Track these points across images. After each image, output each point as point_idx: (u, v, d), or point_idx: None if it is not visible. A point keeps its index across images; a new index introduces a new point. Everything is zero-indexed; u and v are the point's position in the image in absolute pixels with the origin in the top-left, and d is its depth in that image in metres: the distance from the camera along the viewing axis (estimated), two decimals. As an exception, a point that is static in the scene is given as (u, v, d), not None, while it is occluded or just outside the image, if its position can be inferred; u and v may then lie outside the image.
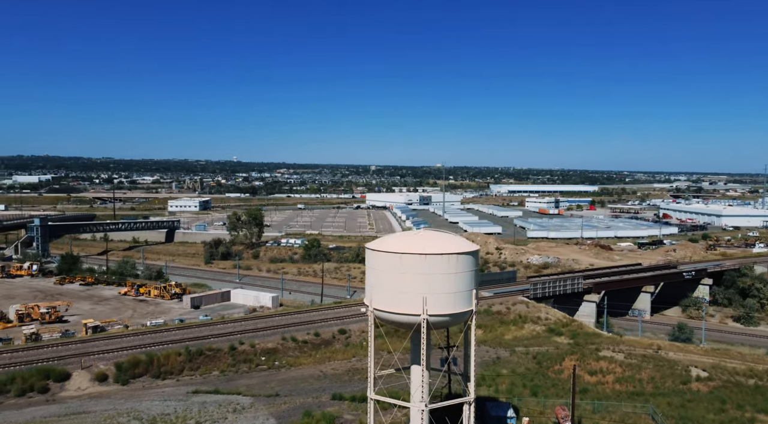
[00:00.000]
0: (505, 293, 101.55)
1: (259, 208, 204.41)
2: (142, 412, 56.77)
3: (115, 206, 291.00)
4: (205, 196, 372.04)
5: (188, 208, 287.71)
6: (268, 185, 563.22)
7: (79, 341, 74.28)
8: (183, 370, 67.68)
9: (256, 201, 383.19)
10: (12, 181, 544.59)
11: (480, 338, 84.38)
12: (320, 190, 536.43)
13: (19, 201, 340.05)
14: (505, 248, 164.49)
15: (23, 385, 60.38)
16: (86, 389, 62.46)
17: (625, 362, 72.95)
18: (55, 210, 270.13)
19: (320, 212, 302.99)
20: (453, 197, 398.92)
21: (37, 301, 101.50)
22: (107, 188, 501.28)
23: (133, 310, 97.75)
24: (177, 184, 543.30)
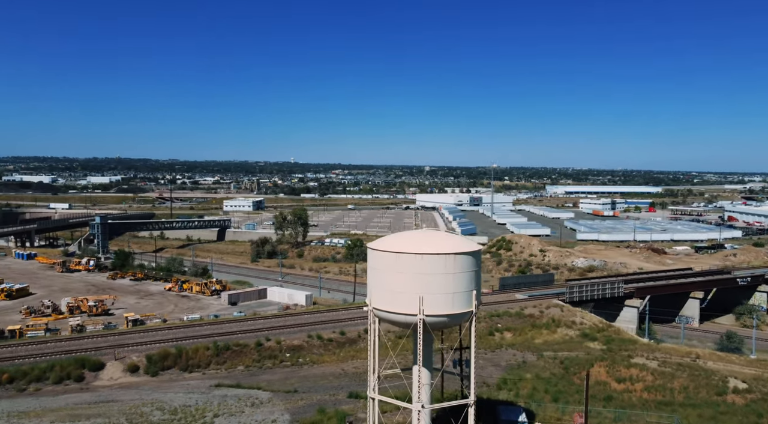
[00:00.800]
0: (539, 296, 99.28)
1: (304, 209, 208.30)
2: (165, 403, 59.30)
3: (176, 206, 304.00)
4: (259, 196, 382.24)
5: (242, 208, 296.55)
6: (322, 186, 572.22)
7: (117, 333, 78.31)
8: (210, 364, 70.02)
9: (308, 201, 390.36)
10: (86, 181, 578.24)
11: (509, 342, 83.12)
12: (373, 190, 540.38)
13: (89, 200, 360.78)
14: (550, 250, 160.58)
15: (61, 373, 64.13)
16: (118, 379, 65.72)
17: (658, 370, 69.88)
18: (120, 209, 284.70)
19: (368, 212, 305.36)
20: (505, 198, 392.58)
21: (90, 294, 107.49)
22: (171, 188, 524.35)
23: (175, 305, 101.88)
24: (235, 184, 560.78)
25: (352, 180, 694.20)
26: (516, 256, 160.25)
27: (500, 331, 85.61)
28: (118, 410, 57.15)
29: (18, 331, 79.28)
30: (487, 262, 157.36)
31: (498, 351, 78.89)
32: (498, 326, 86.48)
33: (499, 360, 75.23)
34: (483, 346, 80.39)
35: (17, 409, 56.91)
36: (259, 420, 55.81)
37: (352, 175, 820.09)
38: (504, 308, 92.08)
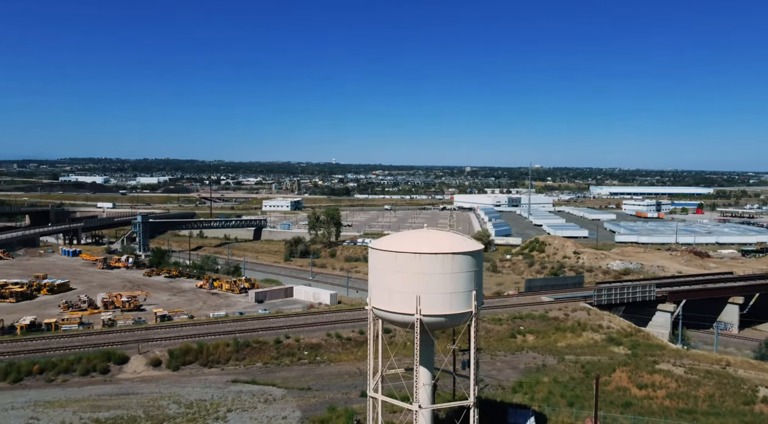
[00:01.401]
0: (566, 299, 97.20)
1: (336, 209, 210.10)
2: (182, 397, 61.05)
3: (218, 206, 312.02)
4: (298, 196, 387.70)
5: (280, 208, 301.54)
6: (362, 186, 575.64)
7: (144, 328, 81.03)
8: (229, 360, 71.60)
9: (346, 201, 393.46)
10: (136, 182, 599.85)
11: (530, 344, 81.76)
12: (412, 191, 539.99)
13: (136, 200, 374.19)
14: (584, 252, 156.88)
15: (87, 365, 66.87)
16: (141, 372, 68.00)
17: (683, 377, 67.38)
18: (163, 209, 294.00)
19: (404, 212, 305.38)
20: (545, 199, 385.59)
21: (126, 290, 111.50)
22: (215, 189, 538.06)
23: (204, 302, 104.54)
24: (277, 185, 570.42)
25: (391, 181, 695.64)
26: (549, 258, 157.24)
27: (522, 333, 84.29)
28: (137, 403, 59.19)
29: (54, 324, 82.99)
30: (519, 264, 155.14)
31: (518, 354, 77.69)
32: (520, 329, 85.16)
33: (518, 363, 74.10)
34: (503, 348, 79.50)
35: (44, 399, 59.68)
36: (270, 416, 56.78)
37: (392, 176, 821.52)
38: (528, 311, 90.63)
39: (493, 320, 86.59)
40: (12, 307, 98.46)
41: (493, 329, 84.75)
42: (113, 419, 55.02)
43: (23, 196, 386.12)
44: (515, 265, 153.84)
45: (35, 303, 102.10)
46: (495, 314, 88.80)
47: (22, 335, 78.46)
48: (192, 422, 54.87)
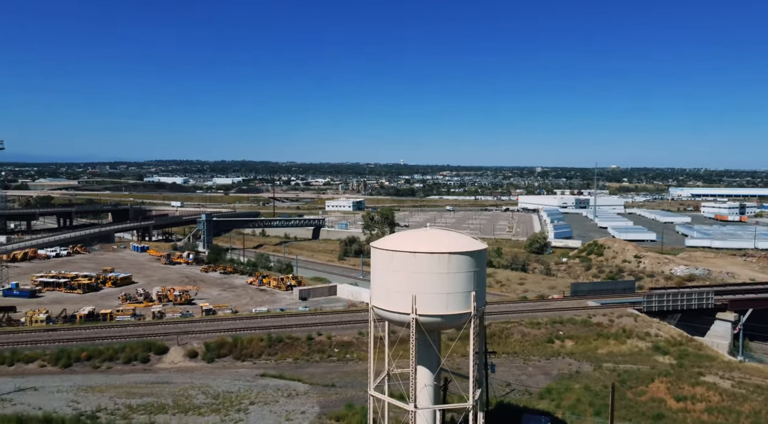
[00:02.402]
0: (613, 304, 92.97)
1: (391, 209, 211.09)
2: (211, 388, 63.68)
3: (284, 205, 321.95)
4: (360, 197, 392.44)
5: (342, 208, 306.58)
6: (427, 187, 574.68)
7: (188, 321, 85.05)
8: (261, 354, 73.82)
9: (410, 202, 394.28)
10: (212, 182, 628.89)
11: (568, 350, 78.98)
12: (478, 192, 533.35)
13: (209, 200, 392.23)
14: (646, 256, 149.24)
15: (130, 354, 71.04)
16: (178, 363, 71.46)
17: (729, 391, 62.83)
18: (230, 208, 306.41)
19: (464, 213, 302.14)
20: (616, 201, 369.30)
21: (183, 285, 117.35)
22: (284, 189, 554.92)
23: (251, 297, 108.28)
24: (344, 185, 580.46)
25: (458, 182, 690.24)
26: (607, 261, 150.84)
27: (561, 338, 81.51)
28: (168, 392, 62.33)
29: (109, 314, 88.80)
30: (575, 267, 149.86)
31: (553, 359, 75.22)
32: (559, 334, 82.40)
33: (551, 369, 71.77)
34: (538, 353, 77.28)
35: (86, 384, 64.05)
36: (290, 410, 58.16)
37: (459, 176, 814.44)
38: (569, 315, 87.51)
39: (531, 324, 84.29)
40: (79, 297, 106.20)
41: (529, 332, 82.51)
42: (144, 405, 58.24)
43: (110, 195, 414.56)
44: (571, 268, 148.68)
45: (99, 295, 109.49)
46: (533, 318, 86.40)
47: (79, 324, 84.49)
48: (215, 413, 57.14)
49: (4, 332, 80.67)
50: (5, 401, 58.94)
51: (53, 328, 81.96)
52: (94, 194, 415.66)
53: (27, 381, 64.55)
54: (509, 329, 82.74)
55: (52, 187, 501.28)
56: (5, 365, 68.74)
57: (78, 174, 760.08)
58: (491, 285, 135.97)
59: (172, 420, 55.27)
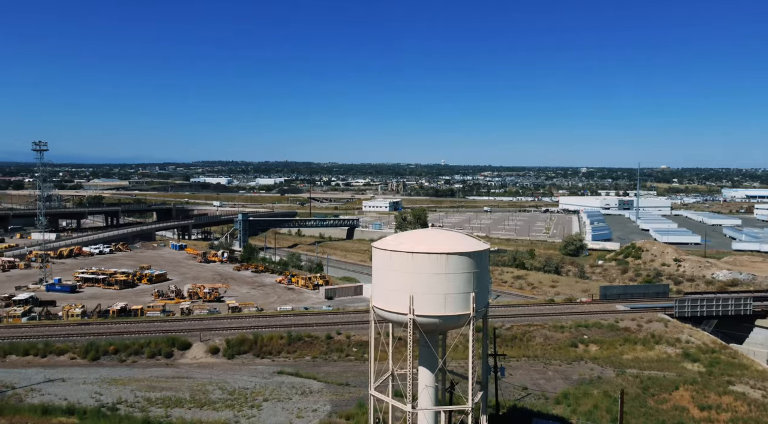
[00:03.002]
0: (642, 309, 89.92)
1: (424, 210, 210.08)
2: (228, 383, 64.99)
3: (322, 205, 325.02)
4: (397, 197, 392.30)
5: (378, 209, 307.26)
6: (467, 188, 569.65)
7: (212, 318, 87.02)
8: (281, 352, 74.87)
9: (447, 203, 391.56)
10: (255, 183, 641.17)
11: (592, 355, 76.94)
12: (519, 193, 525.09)
13: (251, 200, 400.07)
14: (687, 259, 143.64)
15: (154, 349, 73.30)
16: (200, 358, 73.25)
17: (759, 402, 59.93)
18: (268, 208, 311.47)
19: (501, 214, 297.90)
20: (662, 202, 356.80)
21: (215, 282, 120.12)
22: (324, 190, 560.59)
23: (278, 296, 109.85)
24: (383, 186, 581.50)
25: (499, 182, 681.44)
26: (645, 265, 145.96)
27: (585, 343, 79.42)
28: (187, 386, 63.98)
29: (140, 310, 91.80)
30: (611, 270, 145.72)
31: (575, 364, 73.41)
32: (584, 338, 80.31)
33: (572, 373, 70.07)
34: (560, 357, 75.59)
35: (111, 376, 66.43)
36: (301, 408, 58.83)
37: (501, 177, 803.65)
38: (596, 319, 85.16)
39: (555, 328, 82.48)
40: (115, 293, 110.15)
41: (552, 336, 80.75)
42: (162, 399, 59.98)
43: (156, 195, 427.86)
44: (606, 271, 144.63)
45: (135, 291, 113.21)
46: (558, 321, 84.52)
47: (111, 319, 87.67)
48: (229, 408, 58.32)
49: (42, 325, 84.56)
50: (34, 391, 61.74)
51: (86, 322, 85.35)
52: (142, 194, 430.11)
53: (57, 372, 67.43)
54: (531, 332, 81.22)
55: (104, 188, 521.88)
56: (38, 357, 72.05)
57: (129, 175, 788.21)
58: (522, 287, 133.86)
59: (187, 414, 56.67)
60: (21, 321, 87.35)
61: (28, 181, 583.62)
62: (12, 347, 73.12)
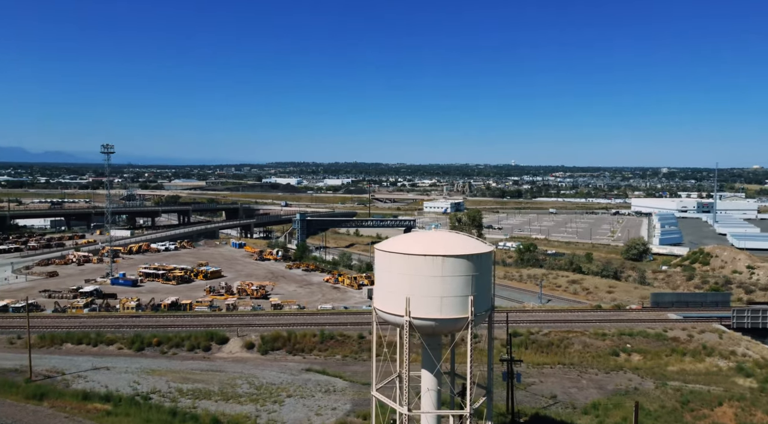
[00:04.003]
0: (696, 318, 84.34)
1: (478, 211, 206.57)
2: (256, 379, 66.91)
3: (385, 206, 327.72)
4: (459, 198, 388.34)
5: (439, 210, 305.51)
6: (535, 189, 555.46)
7: (252, 314, 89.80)
8: (313, 350, 76.18)
9: (513, 204, 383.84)
10: (323, 183, 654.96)
11: (633, 365, 73.21)
12: (590, 194, 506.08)
13: (315, 200, 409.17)
14: (762, 267, 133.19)
15: (194, 342, 76.57)
16: (235, 353, 75.82)
17: (812, 424, 54.73)
18: (330, 208, 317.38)
19: (566, 216, 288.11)
20: (749, 205, 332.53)
21: (266, 280, 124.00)
22: (390, 190, 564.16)
23: (323, 294, 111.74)
24: (448, 187, 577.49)
25: (570, 183, 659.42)
26: (713, 271, 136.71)
27: (627, 352, 75.52)
28: (218, 379, 66.43)
29: (188, 305, 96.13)
30: (675, 276, 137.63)
31: (613, 373, 70.01)
32: (626, 346, 76.40)
33: (607, 383, 66.91)
34: (598, 366, 72.37)
35: (150, 367, 70.07)
36: (322, 406, 59.65)
37: (573, 178, 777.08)
38: (642, 327, 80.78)
39: (596, 335, 78.99)
40: (172, 288, 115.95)
41: (592, 343, 77.38)
42: (193, 390, 62.63)
43: (228, 195, 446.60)
44: (670, 277, 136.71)
45: (190, 286, 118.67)
46: (600, 328, 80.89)
47: (162, 312, 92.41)
48: (253, 402, 60.06)
49: (99, 316, 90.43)
50: (81, 377, 66.16)
51: (138, 315, 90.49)
52: (215, 194, 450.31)
53: (103, 361, 71.91)
54: (570, 338, 78.20)
55: (182, 188, 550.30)
56: (90, 346, 77.12)
57: (207, 175, 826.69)
58: (577, 292, 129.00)
59: (212, 406, 58.86)
60: (83, 312, 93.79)
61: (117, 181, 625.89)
62: (68, 335, 78.66)
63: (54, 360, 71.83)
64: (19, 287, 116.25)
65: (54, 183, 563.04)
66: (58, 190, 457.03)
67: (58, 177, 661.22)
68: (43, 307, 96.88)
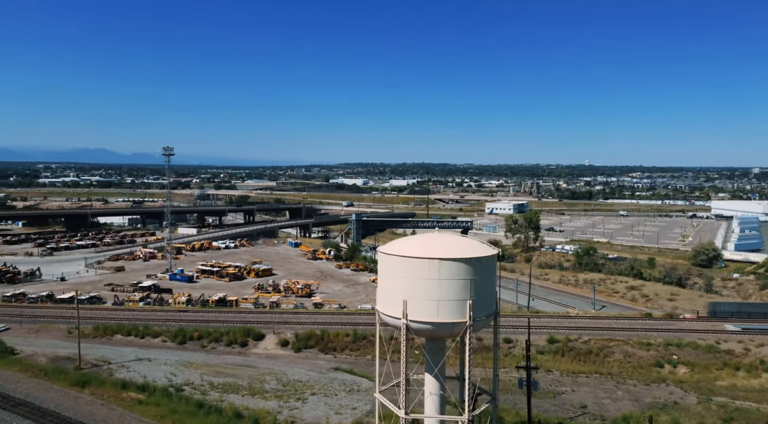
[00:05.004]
0: (757, 330, 78.03)
1: (536, 212, 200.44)
2: (285, 376, 68.28)
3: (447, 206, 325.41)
4: (524, 199, 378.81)
5: (502, 211, 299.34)
6: (609, 190, 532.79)
7: (292, 312, 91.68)
8: (345, 349, 76.85)
9: (581, 206, 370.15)
10: (388, 184, 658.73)
11: (678, 378, 69.04)
12: (668, 195, 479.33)
13: (378, 200, 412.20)
14: None
15: (232, 338, 79.18)
16: (270, 350, 77.76)
17: None
18: (389, 208, 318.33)
19: (636, 219, 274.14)
20: None
21: (315, 279, 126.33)
22: (455, 191, 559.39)
23: (367, 294, 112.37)
24: (515, 187, 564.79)
25: (647, 184, 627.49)
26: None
27: (673, 364, 71.07)
28: (248, 375, 68.37)
29: (234, 301, 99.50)
30: (747, 285, 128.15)
31: (653, 386, 66.11)
32: (672, 358, 71.91)
33: (645, 396, 63.29)
34: (638, 377, 68.63)
35: (188, 360, 73.08)
36: (343, 405, 60.12)
37: (651, 178, 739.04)
38: (692, 338, 75.77)
39: (639, 344, 74.84)
40: (224, 285, 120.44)
41: (635, 353, 73.37)
42: (223, 384, 64.81)
43: (294, 195, 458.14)
44: (741, 286, 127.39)
45: (241, 283, 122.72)
46: (645, 337, 76.58)
47: (209, 308, 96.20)
48: (277, 398, 61.39)
49: (151, 310, 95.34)
50: (124, 367, 70.04)
51: (185, 309, 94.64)
52: (282, 194, 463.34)
53: (147, 353, 75.77)
54: (611, 347, 74.53)
55: (253, 188, 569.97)
56: (138, 338, 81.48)
57: (278, 176, 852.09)
58: (635, 299, 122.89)
59: (238, 400, 60.65)
60: (138, 305, 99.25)
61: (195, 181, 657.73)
62: (119, 327, 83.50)
63: (103, 350, 76.45)
64: (88, 280, 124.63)
65: (138, 183, 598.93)
66: (141, 190, 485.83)
67: (143, 178, 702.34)
68: (104, 299, 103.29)
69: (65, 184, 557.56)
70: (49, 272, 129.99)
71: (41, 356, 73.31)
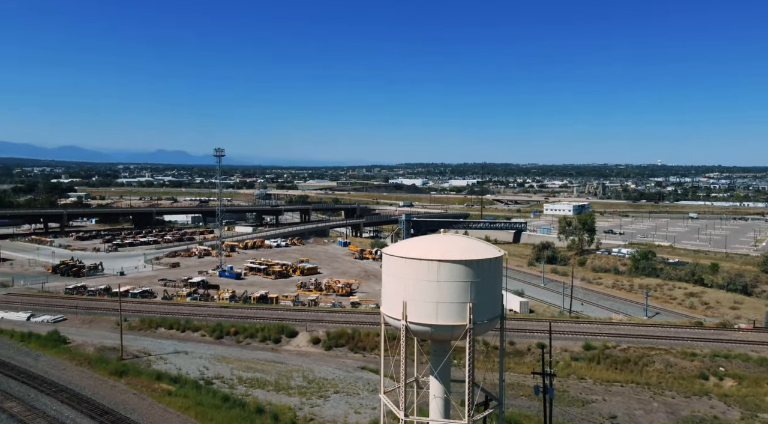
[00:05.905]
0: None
1: (591, 214, 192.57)
2: (311, 373, 69.16)
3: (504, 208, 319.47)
4: (586, 200, 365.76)
5: (561, 212, 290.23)
6: (681, 191, 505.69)
7: (327, 311, 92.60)
8: (374, 348, 76.77)
9: (648, 207, 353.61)
10: (447, 184, 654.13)
11: (722, 391, 64.81)
12: (748, 197, 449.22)
13: (435, 200, 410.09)
14: None
15: (266, 334, 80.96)
16: (301, 347, 78.93)
17: None
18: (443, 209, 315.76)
19: (705, 222, 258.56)
20: None
21: (358, 278, 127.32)
22: (516, 191, 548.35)
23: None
24: (579, 188, 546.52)
25: (725, 185, 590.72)
26: None
27: (719, 376, 66.59)
28: (276, 371, 69.74)
29: (275, 298, 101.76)
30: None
31: (694, 398, 62.16)
32: (719, 370, 67.40)
33: (682, 408, 59.63)
34: (677, 389, 64.80)
35: (222, 354, 75.38)
36: (363, 404, 60.25)
37: (730, 179, 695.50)
38: (743, 349, 70.70)
39: (683, 354, 70.57)
40: (269, 282, 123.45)
41: (677, 363, 69.25)
42: (251, 379, 66.46)
43: (352, 195, 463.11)
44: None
45: (286, 281, 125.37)
46: (690, 347, 72.12)
47: (250, 304, 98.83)
48: (301, 395, 62.29)
49: (195, 305, 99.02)
50: (162, 359, 73.10)
51: (227, 305, 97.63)
52: (341, 194, 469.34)
53: (185, 346, 78.73)
54: (651, 356, 70.73)
55: (314, 188, 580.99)
56: (179, 331, 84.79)
57: (339, 176, 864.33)
58: (694, 306, 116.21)
59: (263, 396, 61.95)
60: (185, 300, 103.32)
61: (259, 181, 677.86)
62: (163, 320, 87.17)
63: (146, 342, 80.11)
64: (145, 275, 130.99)
65: (207, 183, 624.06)
66: (208, 190, 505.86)
67: (211, 177, 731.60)
68: (155, 294, 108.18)
69: (140, 184, 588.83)
70: (110, 266, 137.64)
71: (89, 345, 77.72)
